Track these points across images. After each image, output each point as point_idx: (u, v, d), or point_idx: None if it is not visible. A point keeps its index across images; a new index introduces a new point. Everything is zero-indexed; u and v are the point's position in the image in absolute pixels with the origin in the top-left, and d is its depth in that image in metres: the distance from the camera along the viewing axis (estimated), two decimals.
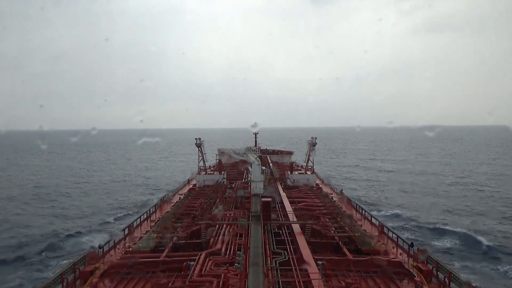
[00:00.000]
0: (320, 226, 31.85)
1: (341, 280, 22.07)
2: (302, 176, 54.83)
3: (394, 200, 68.41)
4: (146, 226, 35.48)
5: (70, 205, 65.28)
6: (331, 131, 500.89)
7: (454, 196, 72.08)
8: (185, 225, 32.53)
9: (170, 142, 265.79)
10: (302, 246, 26.05)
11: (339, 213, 37.66)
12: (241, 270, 18.84)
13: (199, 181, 53.15)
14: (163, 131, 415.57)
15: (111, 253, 27.51)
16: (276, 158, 79.73)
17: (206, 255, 24.36)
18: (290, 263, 23.90)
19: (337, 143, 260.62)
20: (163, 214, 38.82)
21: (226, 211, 37.04)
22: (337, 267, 23.86)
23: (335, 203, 43.23)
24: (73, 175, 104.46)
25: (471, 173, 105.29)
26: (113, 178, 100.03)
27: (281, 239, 29.41)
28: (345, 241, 29.27)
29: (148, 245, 27.94)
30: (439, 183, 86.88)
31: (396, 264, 24.58)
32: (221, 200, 42.64)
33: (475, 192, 76.30)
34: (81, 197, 73.42)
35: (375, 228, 34.45)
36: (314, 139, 55.43)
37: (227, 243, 26.89)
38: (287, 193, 45.47)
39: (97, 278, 22.88)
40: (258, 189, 36.53)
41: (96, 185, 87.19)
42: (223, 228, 30.57)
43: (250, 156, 39.20)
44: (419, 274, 23.21)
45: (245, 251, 21.04)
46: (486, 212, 58.94)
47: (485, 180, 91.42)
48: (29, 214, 58.63)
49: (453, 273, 21.95)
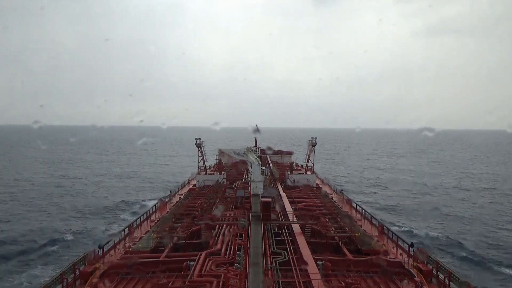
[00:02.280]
0: (320, 226, 31.87)
1: (341, 280, 22.09)
2: (302, 176, 54.89)
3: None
4: (146, 226, 35.47)
5: (70, 205, 65.23)
6: (331, 132, 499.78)
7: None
8: (185, 225, 32.53)
9: (169, 141, 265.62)
10: (302, 246, 26.05)
11: (339, 213, 37.67)
12: (241, 270, 18.83)
13: (199, 181, 53.16)
14: (163, 130, 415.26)
15: (111, 253, 27.51)
16: (276, 158, 79.81)
17: (206, 255, 24.36)
18: (290, 263, 23.92)
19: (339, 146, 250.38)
20: (163, 214, 38.84)
21: (226, 211, 37.06)
22: (337, 267, 23.87)
23: (335, 203, 43.28)
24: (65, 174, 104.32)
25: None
26: (112, 175, 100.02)
27: (281, 239, 29.43)
28: (345, 241, 29.29)
29: (148, 245, 27.94)
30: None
31: (396, 264, 24.58)
32: (221, 200, 42.62)
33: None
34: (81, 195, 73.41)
35: (375, 228, 34.47)
36: (314, 139, 55.53)
37: (227, 243, 26.89)
38: (287, 193, 45.48)
39: (97, 278, 22.87)
40: (258, 189, 36.54)
41: (95, 185, 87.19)
42: (223, 228, 30.58)
43: (250, 156, 39.21)
44: (419, 274, 23.23)
45: (245, 251, 21.02)
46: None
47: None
48: (30, 212, 58.60)
49: (453, 273, 21.97)
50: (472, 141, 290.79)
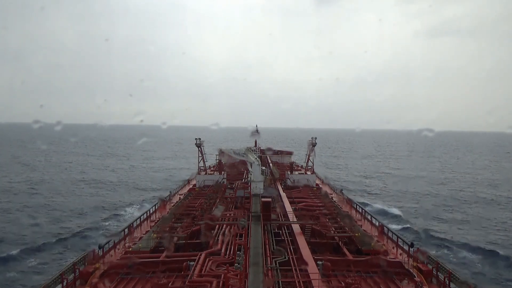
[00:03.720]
0: (320, 226, 31.87)
1: (341, 280, 22.09)
2: (302, 176, 54.88)
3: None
4: (146, 226, 35.47)
5: (71, 205, 65.19)
6: (331, 133, 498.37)
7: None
8: (185, 225, 32.53)
9: (169, 140, 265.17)
10: (302, 246, 26.06)
11: (339, 213, 37.66)
12: (241, 270, 18.82)
13: (199, 181, 53.14)
14: (163, 130, 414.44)
15: (111, 253, 27.50)
16: (276, 158, 79.80)
17: (206, 255, 24.35)
18: (290, 263, 23.92)
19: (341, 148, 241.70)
20: (163, 214, 38.82)
21: (226, 211, 37.06)
22: (337, 267, 23.86)
23: (335, 203, 43.27)
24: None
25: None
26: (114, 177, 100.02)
27: (281, 239, 29.43)
28: (345, 241, 29.29)
29: (148, 245, 27.93)
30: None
31: (396, 264, 24.58)
32: (221, 200, 42.62)
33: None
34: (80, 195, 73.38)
35: (375, 228, 34.46)
36: (314, 139, 55.55)
37: (227, 243, 26.89)
38: (287, 193, 45.49)
39: (97, 278, 22.87)
40: (258, 189, 36.54)
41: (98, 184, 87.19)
42: (223, 228, 30.58)
43: (250, 156, 39.21)
44: (419, 274, 23.22)
45: (245, 251, 21.02)
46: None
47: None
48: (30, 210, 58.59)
49: (453, 273, 21.97)
50: (473, 143, 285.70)
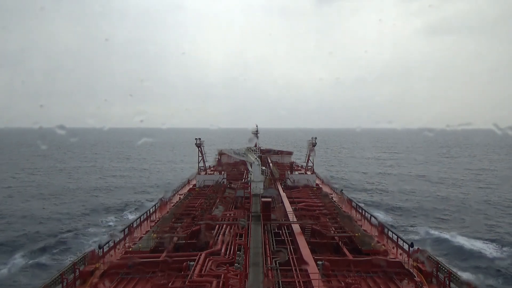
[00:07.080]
0: (320, 226, 31.86)
1: (341, 280, 22.09)
2: (302, 176, 54.89)
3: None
4: (146, 226, 35.47)
5: (70, 205, 65.19)
6: (331, 133, 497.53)
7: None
8: (185, 225, 32.53)
9: (168, 142, 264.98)
10: (302, 246, 26.06)
11: (339, 213, 37.66)
12: (241, 270, 18.82)
13: (199, 181, 53.17)
14: (163, 131, 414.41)
15: (111, 253, 27.51)
16: (276, 158, 79.80)
17: (206, 255, 24.36)
18: (290, 263, 23.92)
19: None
20: (163, 214, 38.82)
21: (226, 211, 37.04)
22: (337, 267, 23.87)
23: (335, 203, 43.26)
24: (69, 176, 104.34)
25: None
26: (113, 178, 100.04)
27: (281, 239, 29.42)
28: (345, 241, 29.30)
29: (148, 245, 27.94)
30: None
31: (396, 264, 24.58)
32: (221, 200, 42.64)
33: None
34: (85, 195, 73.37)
35: (375, 228, 34.46)
36: (314, 139, 55.59)
37: (227, 243, 26.89)
38: (287, 193, 45.48)
39: (97, 278, 22.89)
40: (258, 189, 36.53)
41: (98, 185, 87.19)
42: (223, 228, 30.59)
43: (250, 156, 39.19)
44: (419, 274, 23.22)
45: (245, 251, 21.03)
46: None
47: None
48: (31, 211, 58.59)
49: (453, 273, 21.97)
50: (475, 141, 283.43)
